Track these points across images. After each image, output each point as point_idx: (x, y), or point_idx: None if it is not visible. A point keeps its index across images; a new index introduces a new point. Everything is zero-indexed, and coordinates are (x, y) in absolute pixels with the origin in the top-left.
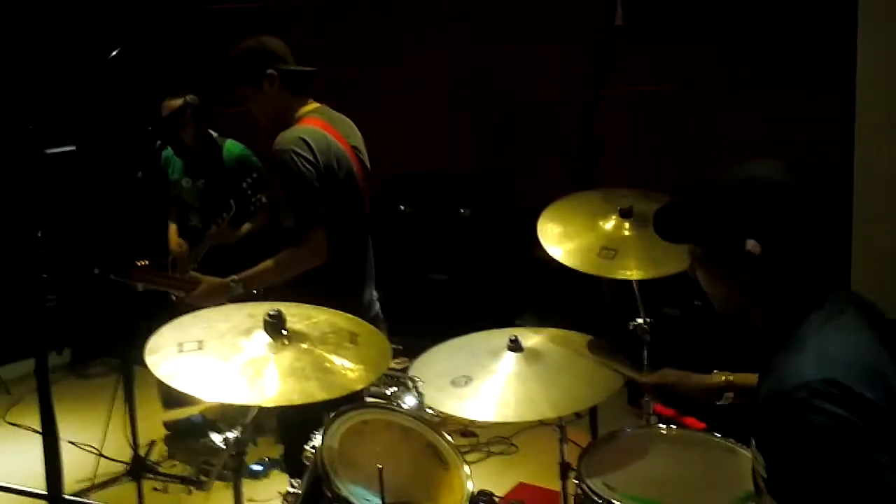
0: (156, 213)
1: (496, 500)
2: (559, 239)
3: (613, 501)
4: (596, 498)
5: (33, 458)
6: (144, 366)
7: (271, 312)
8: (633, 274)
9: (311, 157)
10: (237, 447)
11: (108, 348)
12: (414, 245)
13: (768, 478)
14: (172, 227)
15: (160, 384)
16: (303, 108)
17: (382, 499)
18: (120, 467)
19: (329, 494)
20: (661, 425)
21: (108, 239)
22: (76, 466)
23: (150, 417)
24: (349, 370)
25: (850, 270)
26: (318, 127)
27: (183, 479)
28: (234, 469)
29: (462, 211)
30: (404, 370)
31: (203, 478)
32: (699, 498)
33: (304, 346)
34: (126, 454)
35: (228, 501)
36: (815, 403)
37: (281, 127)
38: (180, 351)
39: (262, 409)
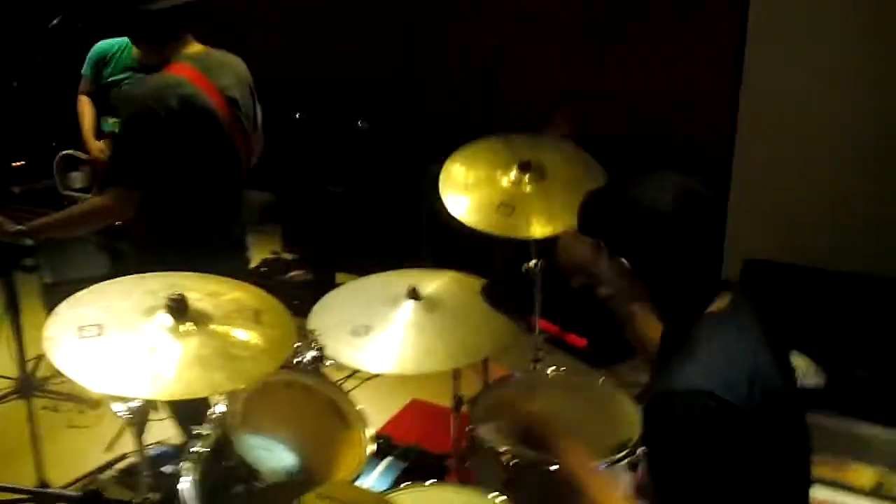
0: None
1: (395, 443)
2: (461, 191)
3: (502, 449)
4: (486, 444)
5: None
6: (28, 271)
7: (173, 297)
8: (532, 231)
9: (163, 112)
10: (139, 416)
11: None
12: (310, 155)
13: (648, 461)
14: (87, 125)
15: (46, 291)
16: (180, 50)
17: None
18: (6, 384)
19: (233, 460)
20: (549, 369)
21: None
22: None
23: (34, 329)
24: (256, 356)
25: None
26: (185, 76)
27: (75, 398)
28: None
29: (360, 123)
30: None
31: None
32: (583, 444)
33: (210, 328)
34: (11, 370)
35: (119, 423)
36: (690, 412)
37: (156, 64)
38: (81, 336)
39: None
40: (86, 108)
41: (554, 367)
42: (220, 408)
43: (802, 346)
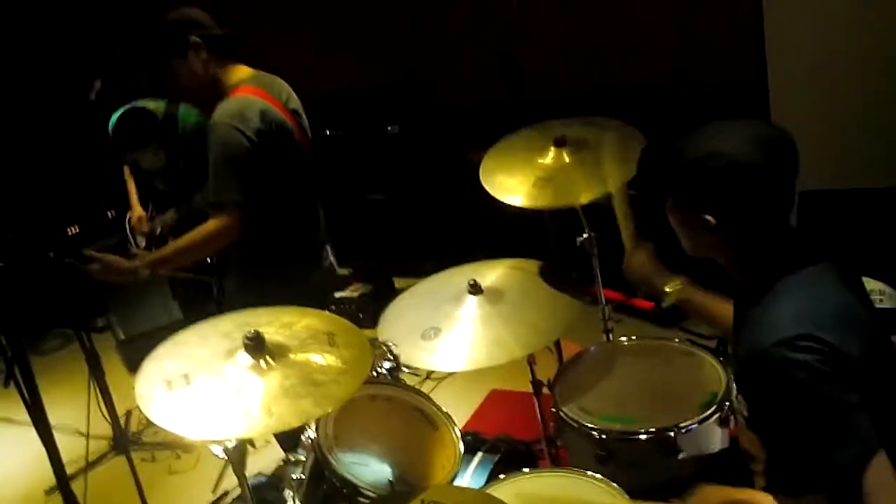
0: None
1: (482, 437)
2: (499, 176)
3: (591, 426)
4: (574, 424)
5: (17, 451)
6: (100, 331)
7: (249, 335)
8: (575, 198)
9: (250, 132)
10: (237, 454)
11: (57, 320)
12: (347, 167)
13: (749, 417)
14: (132, 193)
15: (119, 347)
16: (235, 75)
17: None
18: (103, 444)
19: (334, 480)
20: (622, 338)
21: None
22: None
23: (119, 386)
24: (337, 378)
25: None
26: (255, 96)
27: (170, 445)
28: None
29: (389, 128)
30: (362, 298)
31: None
32: (668, 408)
33: (289, 358)
34: (104, 429)
35: (217, 462)
36: (791, 357)
37: (213, 98)
38: (170, 389)
39: None
40: (129, 178)
41: (626, 336)
42: (311, 432)
43: (872, 271)
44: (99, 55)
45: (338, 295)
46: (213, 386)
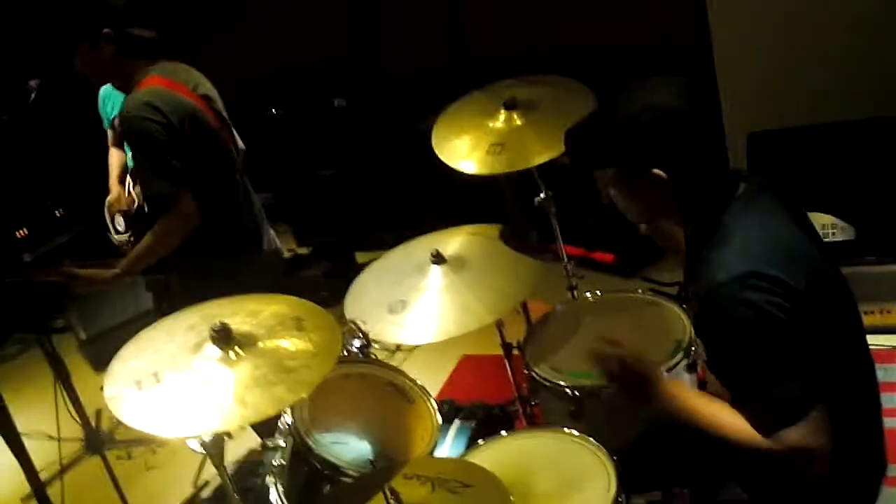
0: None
1: (458, 405)
2: (452, 145)
3: (561, 383)
4: (546, 384)
5: None
6: (60, 332)
7: (215, 328)
8: (533, 160)
9: (161, 119)
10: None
11: (15, 325)
12: (295, 145)
13: (708, 359)
14: (113, 172)
15: (82, 347)
16: (142, 69)
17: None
18: (76, 446)
19: (314, 462)
20: (587, 294)
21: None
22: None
23: (86, 386)
24: (308, 362)
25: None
26: (162, 85)
27: (144, 441)
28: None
29: (336, 102)
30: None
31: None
32: None
33: (258, 347)
34: (75, 431)
35: (194, 456)
36: (737, 296)
37: (120, 87)
38: (141, 389)
39: None
40: (113, 159)
41: (590, 292)
42: (287, 417)
43: (823, 206)
44: (31, 53)
45: (301, 273)
46: (183, 381)
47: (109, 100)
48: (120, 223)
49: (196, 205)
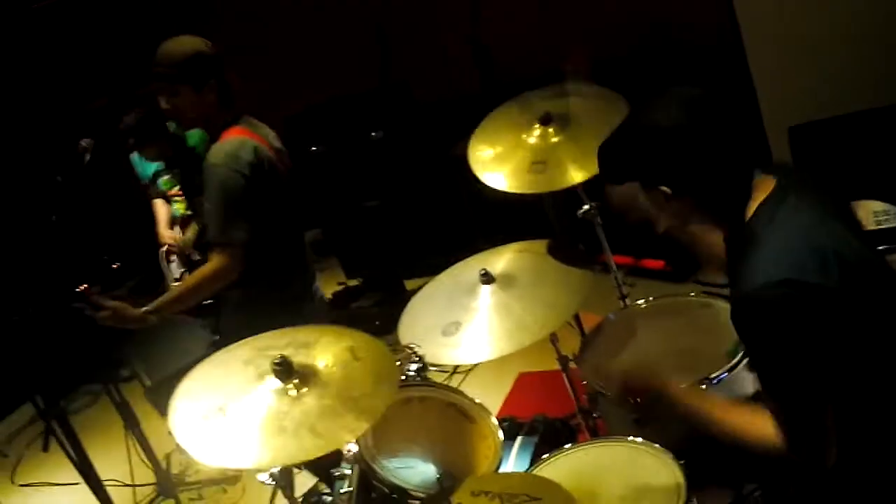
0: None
1: (519, 421)
2: (493, 165)
3: None
4: (606, 393)
5: None
6: (127, 381)
7: (277, 361)
8: (571, 178)
9: (246, 171)
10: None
11: (83, 376)
12: (337, 180)
13: (750, 360)
14: (162, 222)
15: (148, 393)
16: (225, 119)
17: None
18: (149, 491)
19: (382, 487)
20: (639, 301)
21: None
22: None
23: (155, 432)
24: (371, 389)
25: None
26: (245, 136)
27: (214, 481)
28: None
29: (373, 134)
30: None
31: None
32: (695, 362)
33: (319, 378)
34: (146, 476)
35: (264, 491)
36: (772, 304)
37: (203, 129)
38: (208, 423)
39: None
40: (160, 207)
41: (642, 299)
42: (352, 445)
43: (874, 192)
44: (82, 112)
45: (353, 305)
46: (251, 414)
47: (139, 165)
48: (175, 269)
49: (242, 264)
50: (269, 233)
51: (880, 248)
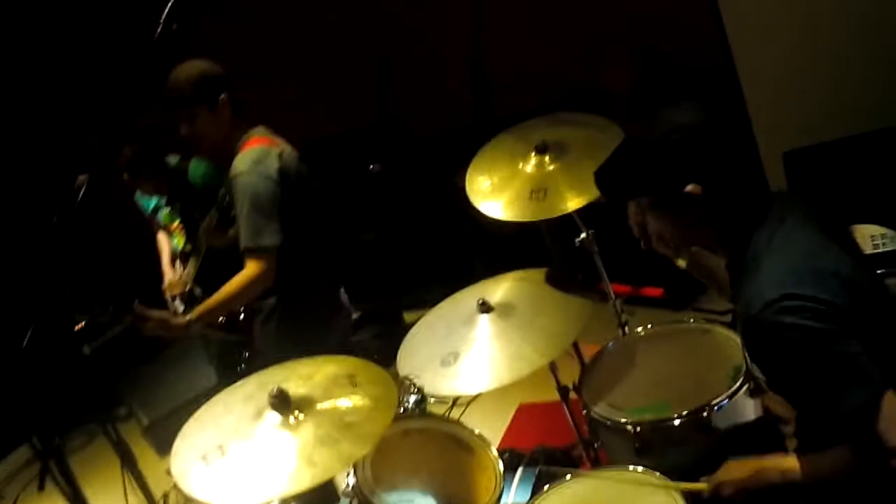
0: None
1: (519, 452)
2: (491, 194)
3: (622, 420)
4: (607, 423)
5: None
6: (124, 420)
7: (274, 393)
8: (569, 205)
9: (275, 175)
10: None
11: (80, 416)
12: (335, 213)
13: (767, 380)
14: (165, 256)
15: (146, 432)
16: (243, 132)
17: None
18: None
19: None
20: (638, 329)
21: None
22: None
23: (153, 471)
24: (368, 416)
25: None
26: (267, 144)
27: None
28: None
29: (371, 167)
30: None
31: None
32: (696, 388)
33: (316, 407)
34: None
35: None
36: (779, 320)
37: (224, 152)
38: (208, 463)
39: None
40: (162, 244)
41: (641, 327)
42: (350, 478)
43: (870, 217)
44: (77, 151)
45: (354, 339)
46: (248, 450)
47: (141, 195)
48: (178, 306)
49: (274, 271)
50: (301, 237)
51: (879, 271)
